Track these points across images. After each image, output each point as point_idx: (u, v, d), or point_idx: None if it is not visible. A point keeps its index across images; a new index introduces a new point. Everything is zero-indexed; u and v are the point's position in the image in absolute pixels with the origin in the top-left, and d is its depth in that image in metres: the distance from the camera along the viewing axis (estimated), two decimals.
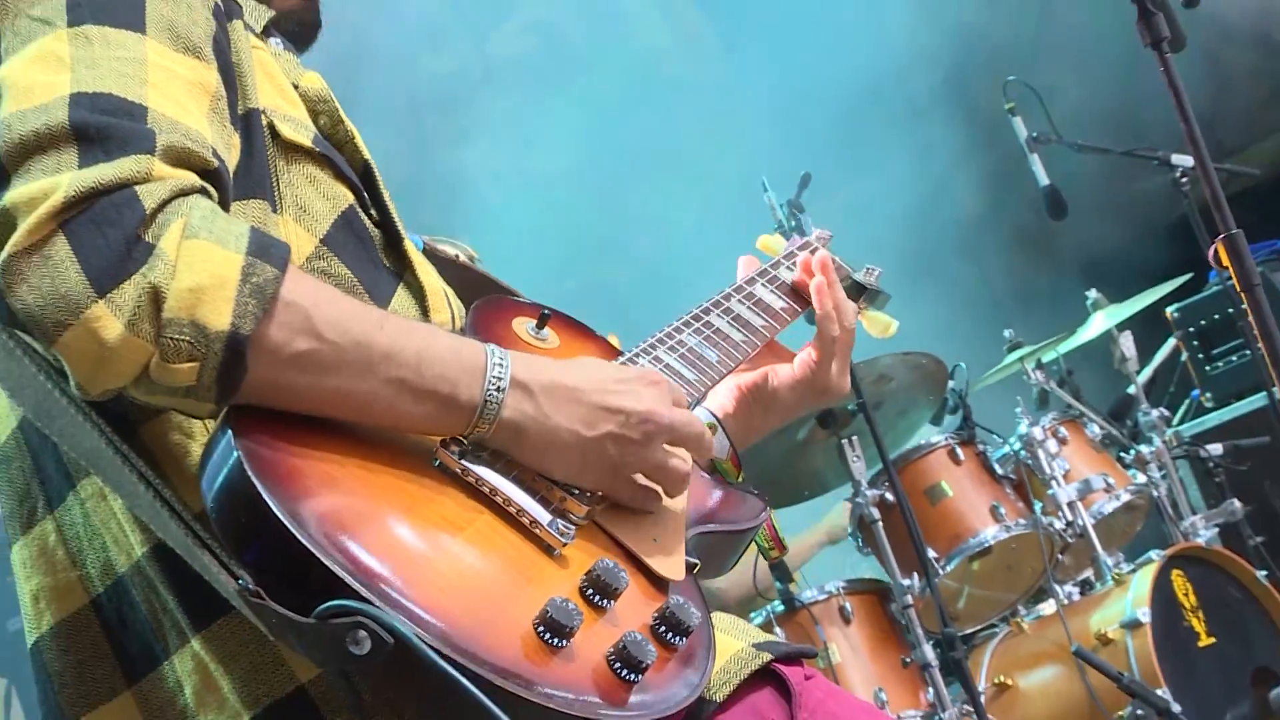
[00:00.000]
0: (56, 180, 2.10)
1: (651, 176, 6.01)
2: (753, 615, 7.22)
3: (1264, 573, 7.51)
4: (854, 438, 7.00)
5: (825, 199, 5.93)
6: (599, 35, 10.59)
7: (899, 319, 3.60)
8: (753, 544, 3.77)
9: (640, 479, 2.44)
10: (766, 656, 2.47)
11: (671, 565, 2.43)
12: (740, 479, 3.04)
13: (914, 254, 8.78)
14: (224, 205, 2.24)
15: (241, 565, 2.12)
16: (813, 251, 3.30)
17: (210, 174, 2.22)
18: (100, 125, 2.17)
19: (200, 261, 2.09)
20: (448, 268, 2.66)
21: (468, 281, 2.67)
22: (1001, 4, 10.37)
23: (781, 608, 7.11)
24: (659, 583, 2.39)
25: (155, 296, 2.06)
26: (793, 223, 6.40)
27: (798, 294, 3.18)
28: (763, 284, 3.18)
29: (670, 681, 2.27)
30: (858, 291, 3.30)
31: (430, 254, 2.67)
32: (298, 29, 2.64)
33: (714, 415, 3.09)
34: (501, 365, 2.31)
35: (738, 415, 3.07)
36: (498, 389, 2.29)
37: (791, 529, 8.19)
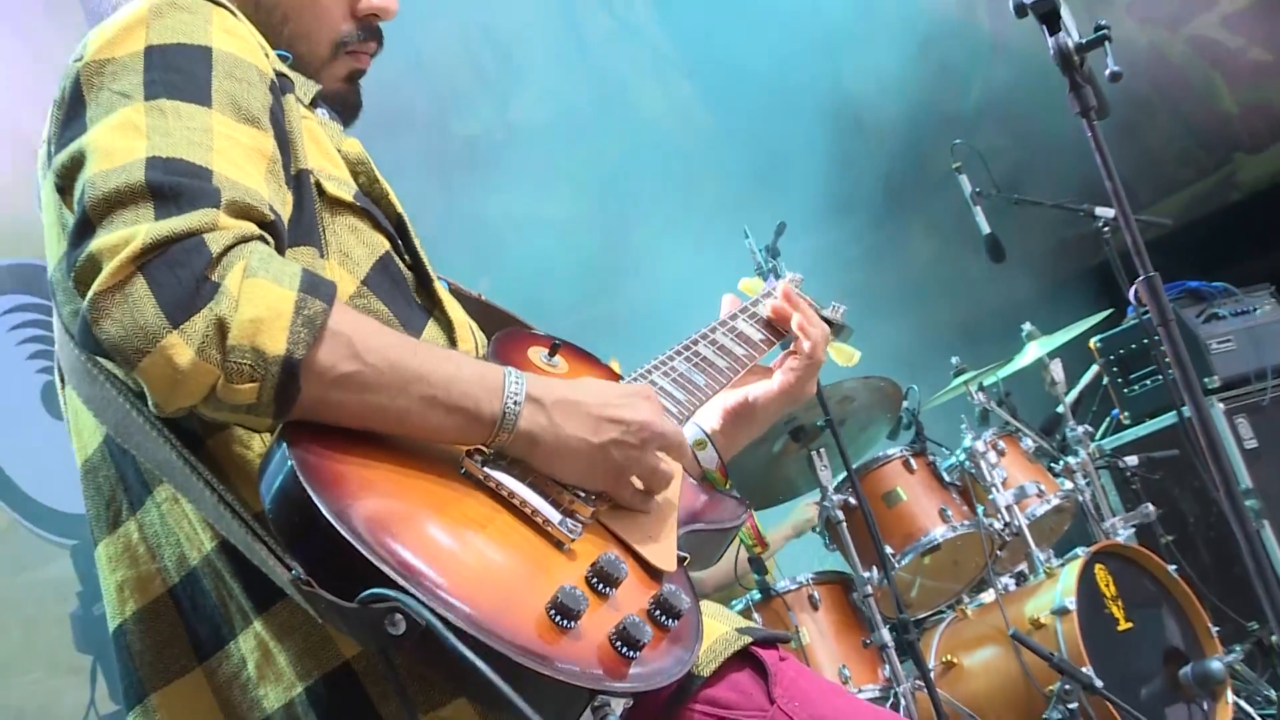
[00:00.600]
0: (135, 230, 2.15)
1: (648, 225, 6.03)
2: (733, 603, 7.23)
3: (1174, 567, 7.54)
4: (821, 450, 7.02)
5: (798, 244, 5.95)
6: (604, 104, 10.59)
7: (860, 348, 3.64)
8: (737, 540, 3.83)
9: (635, 481, 2.46)
10: (747, 639, 2.49)
11: (665, 558, 2.47)
12: (727, 485, 3.07)
13: (874, 291, 8.77)
14: (279, 251, 2.28)
15: (294, 558, 2.16)
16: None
17: (267, 225, 2.27)
18: (172, 184, 2.22)
19: (259, 297, 2.13)
20: (471, 304, 2.69)
21: (489, 316, 2.70)
22: (950, 78, 10.37)
23: (759, 596, 7.14)
24: (654, 573, 2.43)
25: (221, 327, 2.11)
26: (770, 265, 6.43)
27: (774, 328, 3.23)
28: (744, 319, 3.22)
29: (663, 658, 2.30)
30: (831, 327, 3.33)
31: (456, 293, 2.70)
32: (341, 108, 2.65)
33: (704, 432, 3.12)
34: (518, 384, 2.35)
35: (724, 431, 3.12)
36: (515, 404, 2.33)
37: (767, 525, 8.23)
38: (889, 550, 7.15)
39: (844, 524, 7.15)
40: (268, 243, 2.25)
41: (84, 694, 8.69)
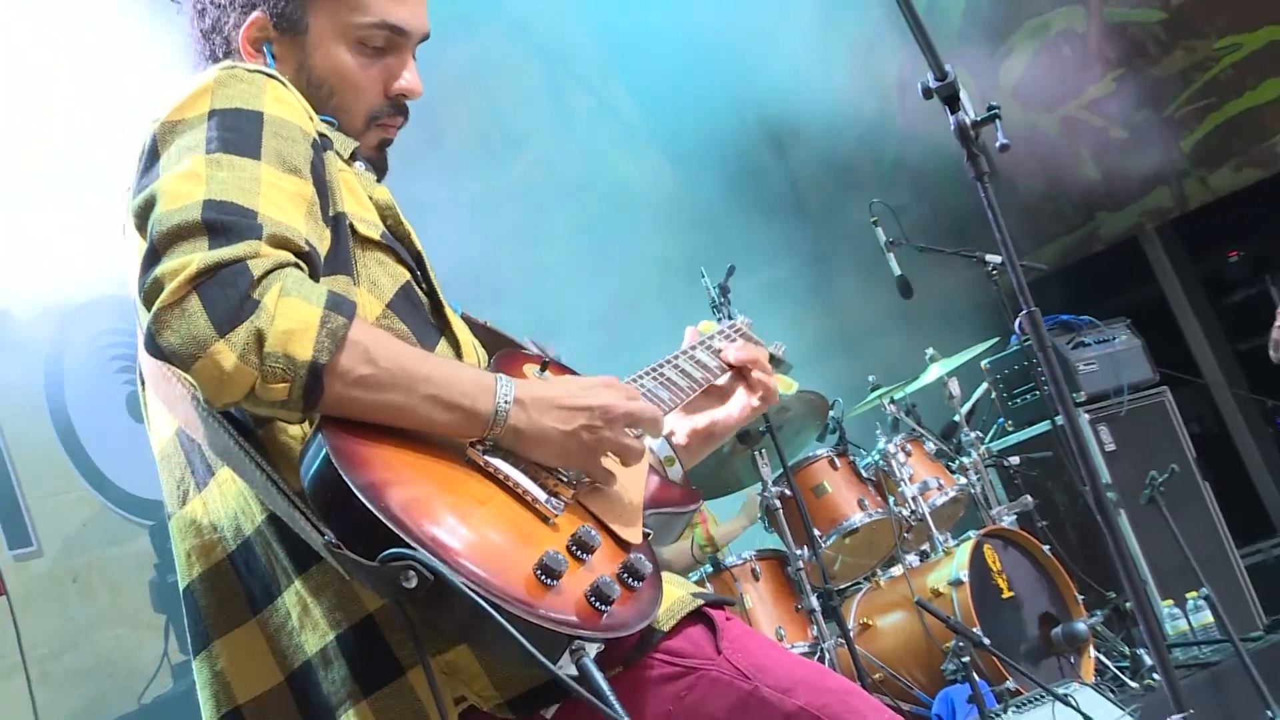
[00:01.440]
0: (191, 257, 2.21)
1: (622, 268, 6.03)
2: (690, 575, 7.22)
3: (1048, 547, 7.58)
4: (763, 450, 7.02)
5: (746, 282, 5.95)
6: (586, 168, 10.56)
7: (795, 365, 3.66)
8: (692, 535, 3.90)
9: (610, 458, 2.49)
10: (699, 601, 2.50)
11: (632, 533, 2.49)
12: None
13: (809, 320, 8.74)
14: (314, 277, 2.32)
15: (327, 526, 2.21)
16: (737, 331, 3.37)
17: (302, 255, 2.31)
18: (224, 221, 2.26)
19: (291, 312, 2.19)
20: (478, 329, 2.71)
21: (492, 338, 2.72)
22: (871, 151, 10.38)
23: (710, 569, 7.17)
24: (623, 544, 2.45)
25: (259, 337, 2.17)
26: (722, 300, 6.44)
27: (726, 366, 3.22)
28: (701, 350, 3.24)
29: (629, 612, 2.33)
30: (772, 360, 3.36)
31: (465, 319, 2.71)
32: (370, 167, 2.66)
33: (671, 449, 3.13)
34: (507, 388, 2.39)
35: (690, 449, 3.17)
36: (505, 403, 2.37)
37: (721, 514, 8.20)
38: (817, 532, 7.17)
39: (780, 511, 7.16)
40: (302, 269, 2.29)
41: (159, 646, 8.68)
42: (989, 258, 7.71)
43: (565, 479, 2.46)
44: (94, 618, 8.82)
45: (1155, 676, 7.31)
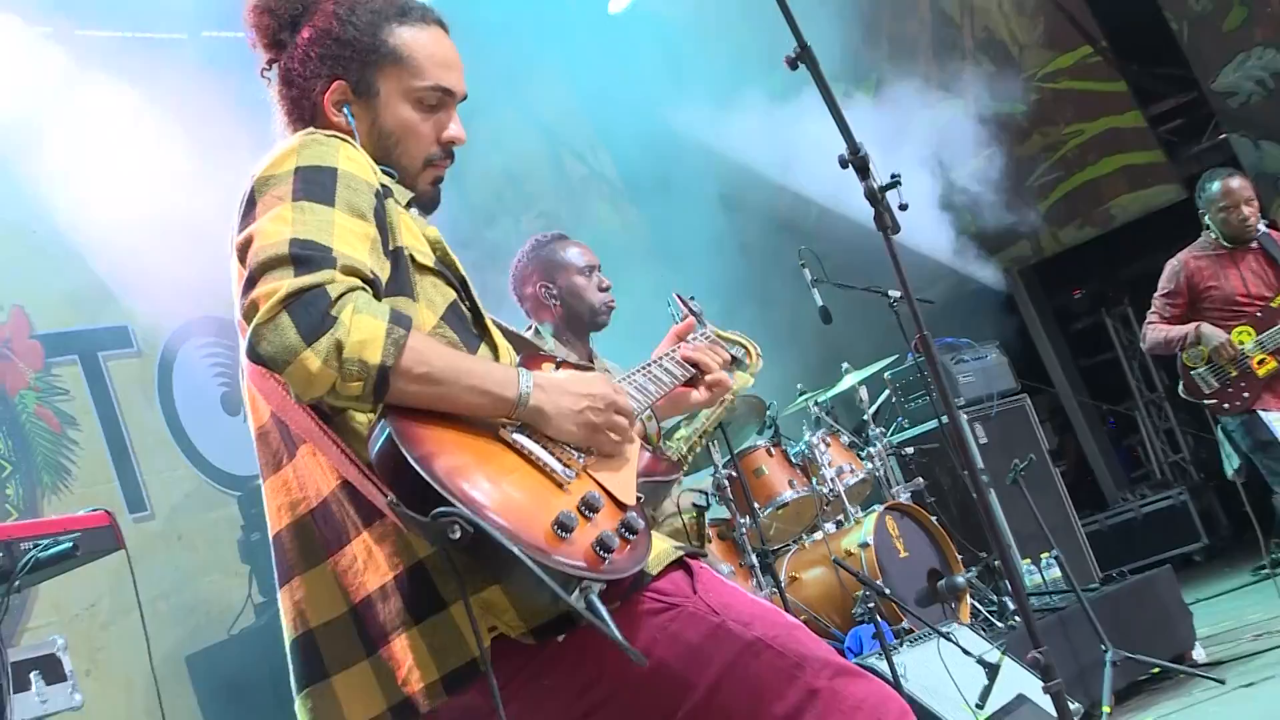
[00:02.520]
0: (281, 283, 2.24)
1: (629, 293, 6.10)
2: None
3: (935, 518, 7.56)
4: (714, 441, 7.00)
5: (705, 308, 5.98)
6: (579, 219, 10.56)
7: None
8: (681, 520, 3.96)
9: (609, 434, 2.51)
10: (680, 553, 2.50)
11: (628, 497, 2.49)
12: (659, 443, 3.27)
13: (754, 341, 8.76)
14: (377, 298, 2.35)
15: (389, 489, 2.24)
16: (706, 336, 3.40)
17: (368, 280, 2.33)
18: (306, 255, 2.29)
19: (363, 326, 2.23)
20: (510, 336, 2.72)
21: (521, 344, 2.73)
22: (801, 204, 10.37)
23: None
24: (621, 506, 2.45)
25: (339, 346, 2.21)
26: (684, 314, 6.44)
27: (692, 364, 3.21)
28: (669, 357, 3.22)
29: (626, 559, 2.34)
30: (733, 361, 3.38)
31: (501, 328, 2.72)
32: (428, 204, 2.68)
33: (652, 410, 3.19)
34: (527, 377, 2.43)
35: (664, 408, 3.24)
36: (527, 389, 2.40)
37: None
38: (756, 505, 7.16)
39: (728, 488, 7.14)
40: (367, 292, 2.32)
41: (244, 590, 8.65)
42: (891, 292, 7.71)
43: (575, 454, 2.47)
44: (193, 567, 8.83)
45: (1016, 619, 7.32)
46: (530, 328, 5.20)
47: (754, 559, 6.96)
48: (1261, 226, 7.54)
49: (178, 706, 7.88)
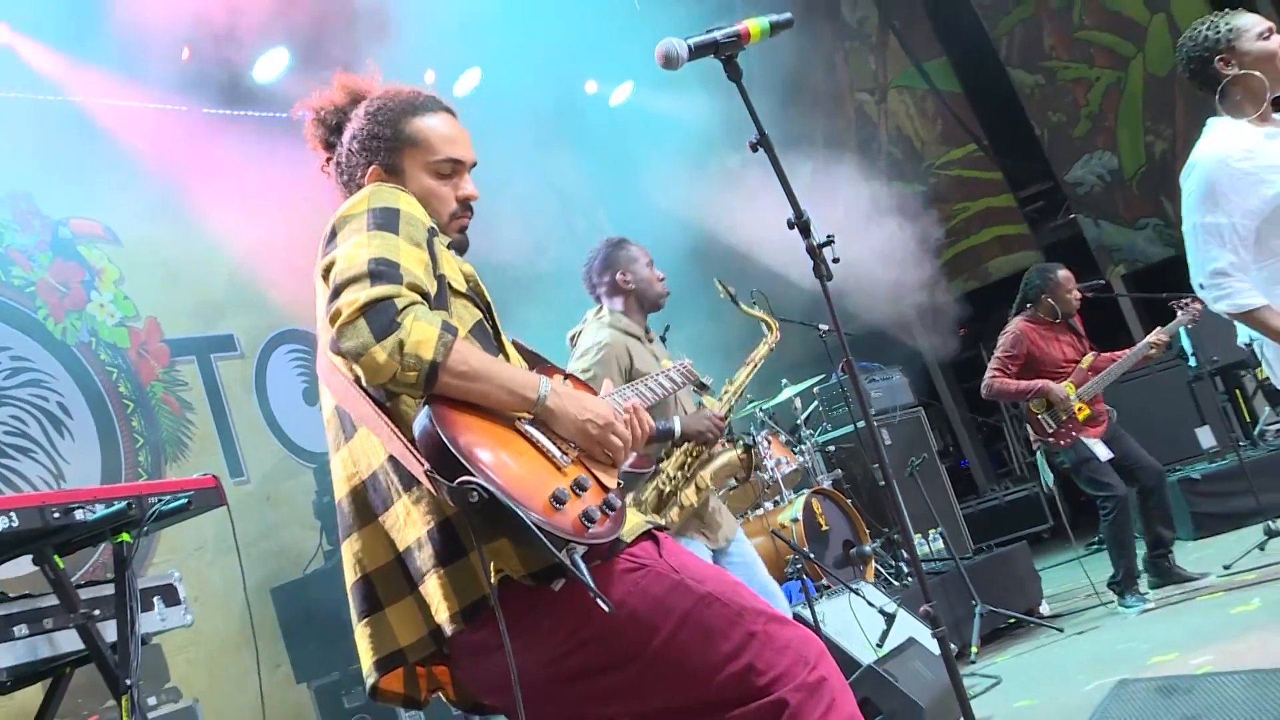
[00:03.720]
0: (360, 294, 2.23)
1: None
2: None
3: (850, 500, 7.53)
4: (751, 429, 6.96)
5: (677, 336, 5.92)
6: (566, 259, 10.50)
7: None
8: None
9: (602, 448, 2.47)
10: (649, 525, 2.46)
11: (611, 482, 2.43)
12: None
13: (715, 364, 8.68)
14: (430, 308, 2.32)
15: (426, 460, 2.21)
16: (683, 366, 3.38)
17: (425, 295, 2.31)
18: (380, 271, 2.27)
19: (421, 331, 2.21)
20: (523, 352, 2.67)
21: (532, 358, 2.67)
22: (753, 255, 10.30)
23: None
24: (605, 488, 2.40)
25: (401, 344, 2.19)
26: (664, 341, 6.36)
27: (674, 380, 3.20)
28: (663, 374, 3.20)
29: (605, 529, 2.29)
30: (701, 386, 3.35)
31: (516, 345, 2.67)
32: (458, 249, 2.63)
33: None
34: (547, 384, 2.39)
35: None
36: (546, 392, 2.37)
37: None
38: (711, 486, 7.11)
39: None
40: (425, 305, 2.30)
41: (316, 540, 8.65)
42: (821, 326, 7.68)
43: (573, 446, 2.43)
44: (278, 521, 8.85)
45: (909, 579, 7.31)
46: (599, 309, 5.24)
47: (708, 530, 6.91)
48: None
49: (264, 627, 7.92)
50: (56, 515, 3.63)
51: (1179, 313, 7.48)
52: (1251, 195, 3.71)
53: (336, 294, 2.29)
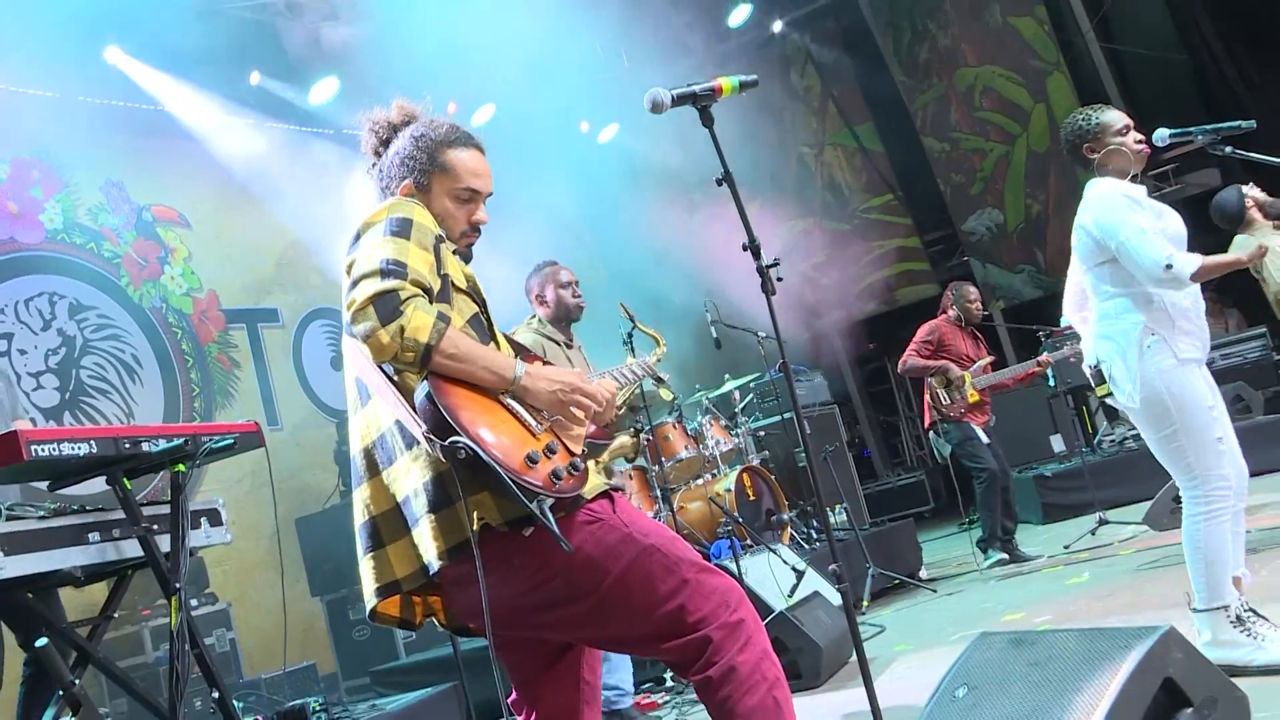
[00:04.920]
0: (371, 287, 2.20)
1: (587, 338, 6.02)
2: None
3: (774, 476, 7.51)
4: (642, 414, 6.92)
5: (637, 336, 5.89)
6: (570, 262, 10.44)
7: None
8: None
9: (573, 410, 2.41)
10: (607, 485, 2.42)
11: (576, 448, 2.41)
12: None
13: (674, 361, 8.68)
14: (431, 301, 2.29)
15: (425, 424, 2.19)
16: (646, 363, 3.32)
17: (426, 290, 2.27)
18: (391, 269, 2.23)
19: (420, 319, 2.18)
20: (511, 343, 2.61)
21: (518, 348, 2.62)
22: (707, 275, 10.26)
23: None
24: (571, 452, 2.36)
25: (402, 329, 2.16)
26: (630, 344, 6.31)
27: (636, 372, 3.15)
28: (627, 367, 3.14)
29: (570, 486, 2.26)
30: (659, 379, 3.30)
31: (505, 336, 2.62)
32: (464, 258, 2.58)
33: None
34: (521, 366, 2.35)
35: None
36: (521, 372, 2.33)
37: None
38: (663, 459, 7.06)
39: (646, 447, 7.05)
40: (425, 297, 2.27)
41: (334, 481, 8.67)
42: (760, 332, 7.66)
43: (545, 416, 2.39)
44: (305, 462, 8.83)
45: (818, 544, 7.31)
46: (534, 317, 5.21)
47: (659, 493, 6.88)
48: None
49: (288, 549, 7.87)
50: (127, 446, 3.67)
51: (1062, 346, 7.69)
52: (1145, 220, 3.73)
53: (354, 285, 2.26)
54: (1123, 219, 3.73)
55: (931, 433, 7.71)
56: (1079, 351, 7.53)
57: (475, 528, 2.23)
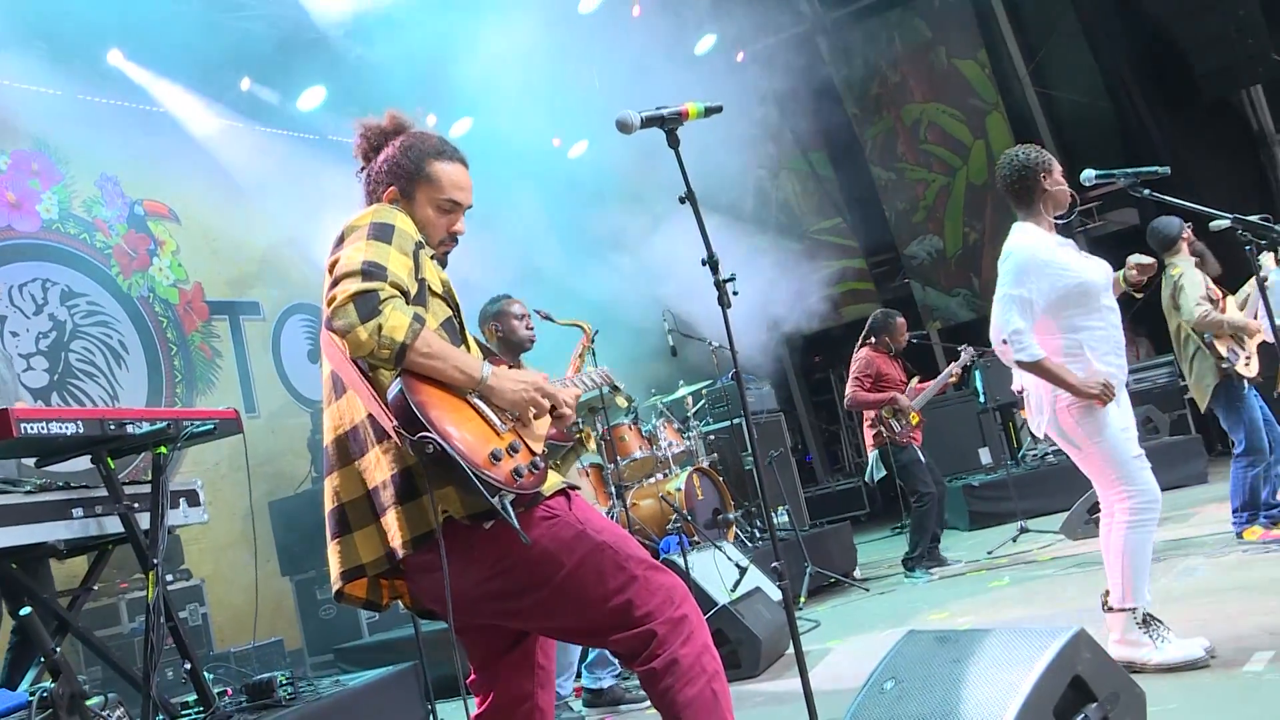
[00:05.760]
0: (352, 286, 2.18)
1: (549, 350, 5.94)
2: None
3: (721, 478, 7.50)
4: (599, 416, 6.90)
5: (600, 341, 5.86)
6: (518, 273, 10.41)
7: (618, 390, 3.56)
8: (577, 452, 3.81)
9: (531, 409, 2.40)
10: (564, 484, 2.40)
11: (538, 448, 2.39)
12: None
13: (632, 370, 8.64)
14: (408, 303, 2.27)
15: (396, 418, 2.17)
16: (603, 372, 3.28)
17: (404, 292, 2.24)
18: (371, 271, 2.20)
19: (396, 319, 2.15)
20: (481, 347, 2.59)
21: (486, 351, 2.59)
22: (673, 288, 10.25)
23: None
24: (533, 451, 2.35)
25: (380, 328, 2.14)
26: (591, 356, 6.29)
27: (594, 379, 3.12)
28: (586, 375, 3.12)
29: (530, 483, 2.25)
30: (615, 388, 3.26)
31: (476, 341, 2.60)
32: (440, 263, 2.55)
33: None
34: (488, 367, 2.33)
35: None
36: (488, 373, 2.31)
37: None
38: (619, 458, 7.05)
39: (603, 446, 7.03)
40: (403, 299, 2.25)
41: (307, 467, 8.62)
42: (714, 342, 7.68)
43: (509, 416, 2.37)
44: (279, 449, 8.77)
45: (760, 542, 7.33)
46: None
47: (613, 489, 6.86)
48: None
49: (260, 530, 7.85)
50: (112, 427, 3.65)
51: (963, 354, 7.91)
52: (1050, 280, 3.79)
53: (335, 283, 2.23)
54: (1008, 278, 3.83)
55: (874, 457, 7.63)
56: (971, 355, 7.71)
57: (440, 520, 2.21)
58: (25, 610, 3.56)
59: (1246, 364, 5.71)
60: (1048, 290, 3.80)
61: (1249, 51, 10.73)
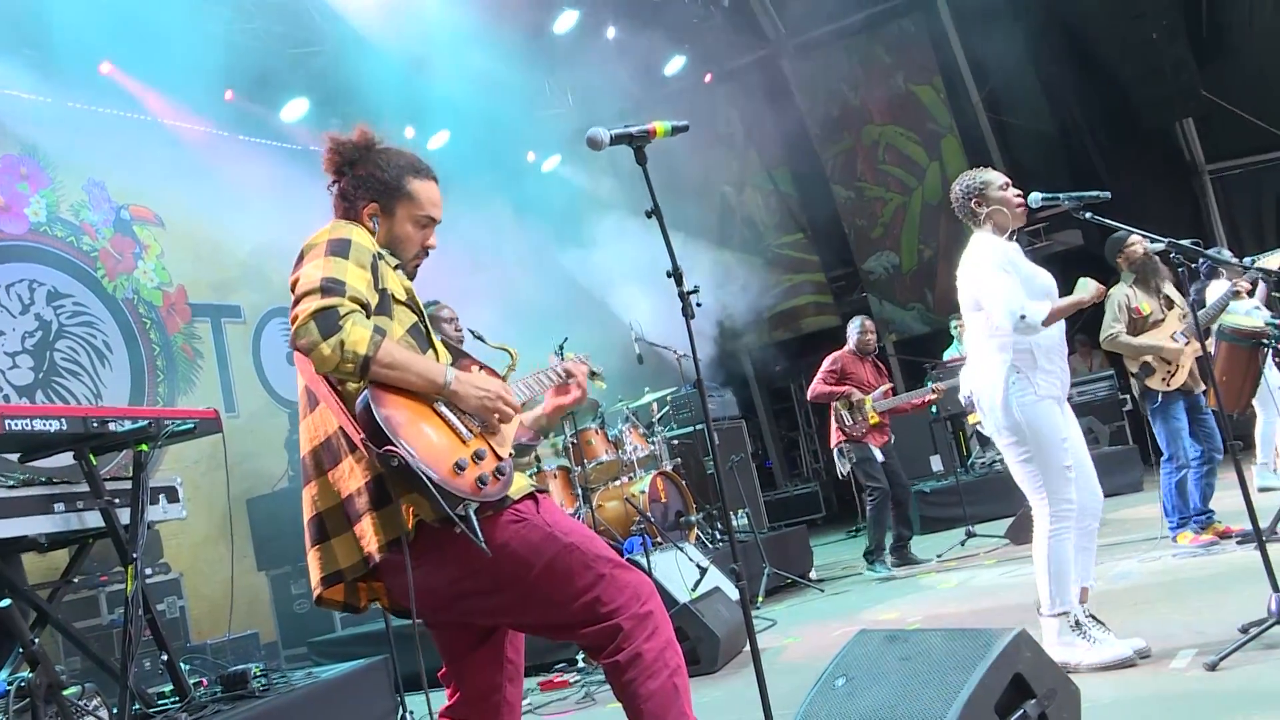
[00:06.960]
0: (312, 304, 2.16)
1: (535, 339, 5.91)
2: (529, 472, 7.05)
3: (684, 481, 7.51)
4: (567, 420, 6.90)
5: (576, 348, 5.86)
6: (491, 279, 10.38)
7: (592, 389, 3.54)
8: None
9: (494, 415, 2.39)
10: (532, 488, 2.40)
11: (505, 452, 2.39)
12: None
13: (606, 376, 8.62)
14: (368, 316, 2.26)
15: (363, 430, 2.16)
16: (580, 359, 3.22)
17: (364, 306, 2.23)
18: (329, 287, 2.19)
19: (358, 333, 2.14)
20: (450, 349, 2.57)
21: (457, 354, 2.59)
22: (624, 297, 10.24)
23: (535, 471, 6.95)
24: (499, 457, 2.34)
25: (343, 343, 2.12)
26: (561, 350, 6.29)
27: (562, 373, 3.09)
28: (549, 370, 3.09)
29: (495, 490, 2.25)
30: (592, 374, 3.23)
31: (445, 343, 2.59)
32: (409, 275, 2.55)
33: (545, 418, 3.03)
34: (451, 373, 2.32)
35: (550, 416, 2.94)
36: (451, 379, 2.30)
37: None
38: (585, 461, 7.05)
39: (570, 450, 7.03)
40: (362, 312, 2.22)
41: (284, 466, 8.58)
42: (677, 350, 7.69)
43: (476, 423, 2.36)
44: (258, 448, 8.68)
45: (720, 544, 7.34)
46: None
47: (580, 491, 6.87)
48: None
49: (238, 527, 7.77)
50: (95, 425, 3.62)
51: (945, 377, 8.00)
52: (1020, 280, 3.85)
53: (297, 302, 2.22)
54: (988, 275, 3.86)
55: (836, 451, 7.77)
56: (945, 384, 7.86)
57: (410, 525, 2.21)
58: (5, 602, 3.52)
59: (1165, 381, 5.78)
60: (1021, 281, 3.86)
61: (1180, 87, 11.14)
